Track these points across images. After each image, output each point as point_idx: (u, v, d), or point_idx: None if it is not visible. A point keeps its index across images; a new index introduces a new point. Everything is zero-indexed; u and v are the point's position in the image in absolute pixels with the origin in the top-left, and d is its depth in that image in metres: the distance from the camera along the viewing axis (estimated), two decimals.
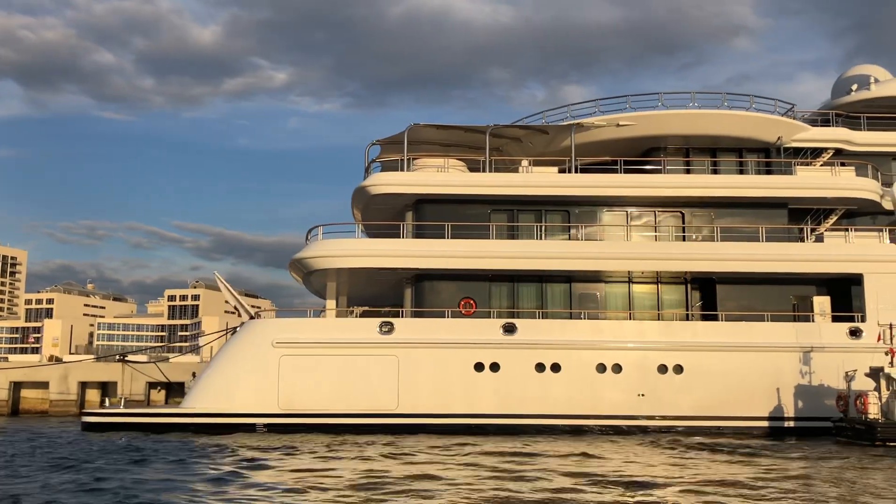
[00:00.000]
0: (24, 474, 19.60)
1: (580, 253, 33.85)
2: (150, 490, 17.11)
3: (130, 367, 47.35)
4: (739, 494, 16.93)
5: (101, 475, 19.25)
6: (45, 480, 18.48)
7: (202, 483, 18.26)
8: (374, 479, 18.65)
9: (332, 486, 17.79)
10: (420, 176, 34.99)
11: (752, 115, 35.42)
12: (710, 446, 26.69)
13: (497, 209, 35.31)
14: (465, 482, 18.50)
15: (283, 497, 16.42)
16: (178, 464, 21.79)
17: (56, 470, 20.50)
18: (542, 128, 36.32)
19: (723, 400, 31.64)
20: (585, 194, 34.70)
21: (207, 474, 19.75)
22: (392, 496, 16.48)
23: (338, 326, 33.45)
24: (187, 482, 18.26)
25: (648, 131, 35.77)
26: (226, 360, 32.88)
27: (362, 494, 16.61)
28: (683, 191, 34.57)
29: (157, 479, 18.79)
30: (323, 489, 17.37)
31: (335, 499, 16.26)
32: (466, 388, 32.03)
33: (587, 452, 24.62)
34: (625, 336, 32.47)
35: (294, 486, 17.74)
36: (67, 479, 18.75)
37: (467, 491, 17.13)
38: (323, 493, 16.85)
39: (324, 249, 34.00)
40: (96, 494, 16.63)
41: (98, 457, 23.33)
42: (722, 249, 33.57)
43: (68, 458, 23.07)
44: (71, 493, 16.81)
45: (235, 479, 18.84)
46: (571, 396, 31.93)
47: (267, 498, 16.25)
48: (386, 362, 32.15)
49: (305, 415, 31.79)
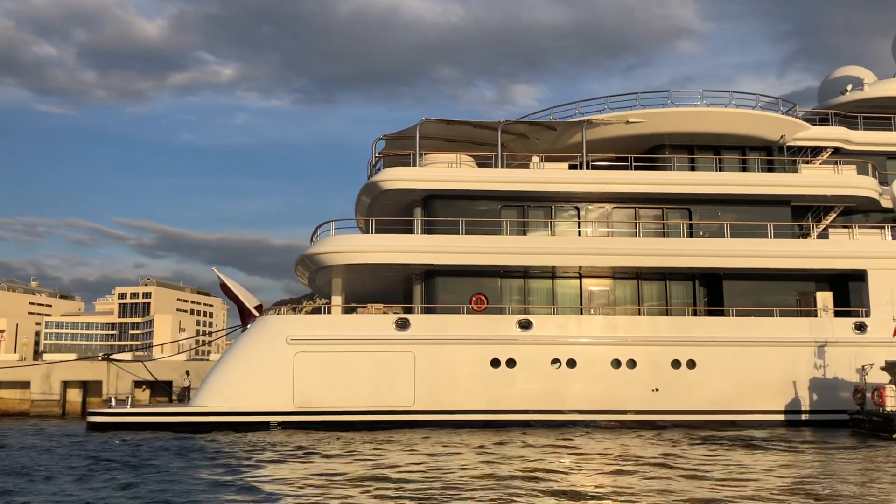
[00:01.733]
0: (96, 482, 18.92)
1: (589, 249, 34.03)
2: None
3: (116, 366, 46.16)
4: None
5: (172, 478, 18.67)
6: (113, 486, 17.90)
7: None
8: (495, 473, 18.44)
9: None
10: (433, 171, 34.78)
11: (760, 113, 36.02)
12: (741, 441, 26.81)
13: (508, 205, 35.32)
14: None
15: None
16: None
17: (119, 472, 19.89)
18: (554, 124, 36.40)
19: (737, 394, 32.10)
20: (595, 191, 34.87)
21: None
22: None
23: (353, 323, 33.03)
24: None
25: (656, 129, 36.12)
26: (238, 358, 32.27)
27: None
28: (692, 188, 34.96)
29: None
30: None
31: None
32: (483, 384, 31.97)
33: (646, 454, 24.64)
34: (640, 331, 32.73)
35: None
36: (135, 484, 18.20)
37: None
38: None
39: (338, 245, 33.56)
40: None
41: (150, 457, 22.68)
42: (731, 246, 34.03)
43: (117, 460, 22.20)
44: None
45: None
46: (587, 392, 32.09)
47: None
48: (402, 359, 31.92)
49: (321, 412, 31.40)
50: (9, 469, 20.37)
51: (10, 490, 17.06)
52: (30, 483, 18.15)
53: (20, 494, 16.57)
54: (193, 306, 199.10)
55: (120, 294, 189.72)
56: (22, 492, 16.89)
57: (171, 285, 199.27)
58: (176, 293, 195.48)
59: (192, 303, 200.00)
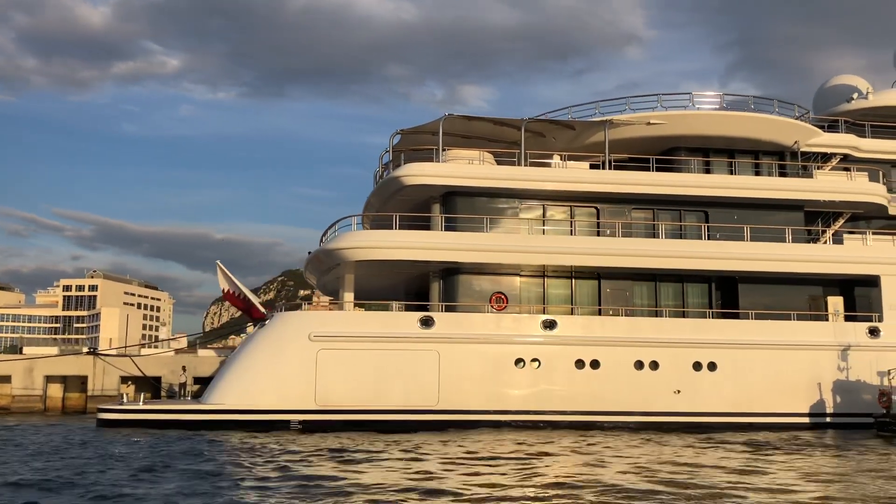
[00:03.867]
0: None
1: (608, 250, 33.91)
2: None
3: (102, 361, 44.58)
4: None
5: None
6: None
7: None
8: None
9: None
10: (457, 167, 34.26)
11: (778, 118, 36.32)
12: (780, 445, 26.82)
13: (528, 203, 35.00)
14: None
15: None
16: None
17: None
18: (573, 123, 36.17)
19: (759, 396, 32.30)
20: (619, 191, 34.76)
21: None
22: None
23: (378, 320, 32.35)
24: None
25: (674, 131, 36.14)
26: (257, 354, 31.32)
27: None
28: (712, 190, 35.10)
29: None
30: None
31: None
32: (508, 383, 31.60)
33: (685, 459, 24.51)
34: (664, 333, 32.70)
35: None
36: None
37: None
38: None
39: (362, 241, 32.87)
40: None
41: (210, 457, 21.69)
42: (749, 249, 34.26)
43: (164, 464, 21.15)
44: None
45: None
46: (610, 393, 31.96)
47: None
48: (426, 357, 31.36)
49: (343, 411, 30.68)
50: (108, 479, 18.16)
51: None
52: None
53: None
54: (141, 300, 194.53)
55: (65, 286, 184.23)
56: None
57: (117, 278, 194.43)
58: (123, 286, 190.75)
59: (140, 296, 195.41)
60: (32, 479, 17.74)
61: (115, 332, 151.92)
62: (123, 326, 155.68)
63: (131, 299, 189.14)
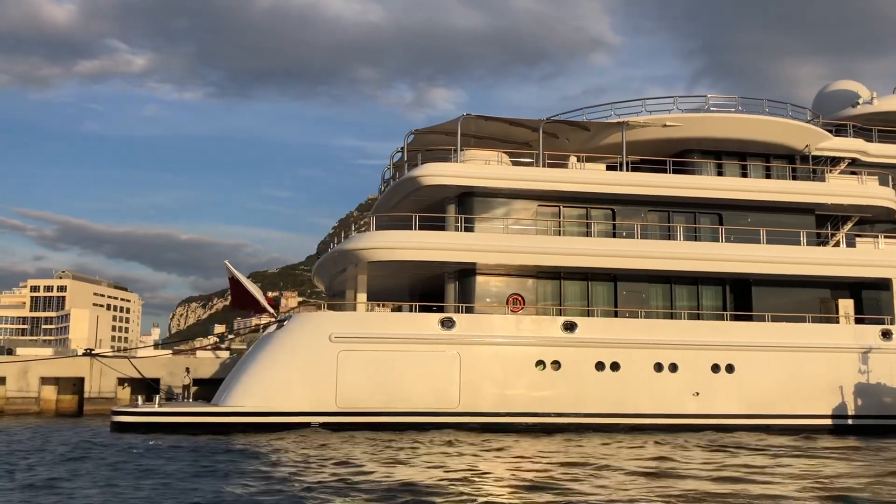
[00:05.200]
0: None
1: (624, 251, 33.88)
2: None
3: (99, 362, 43.66)
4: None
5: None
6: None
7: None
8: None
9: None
10: (475, 168, 34.01)
11: (792, 122, 36.59)
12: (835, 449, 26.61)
13: (544, 205, 34.86)
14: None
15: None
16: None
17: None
18: (589, 124, 36.08)
19: (778, 398, 32.42)
20: (639, 193, 34.74)
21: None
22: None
23: (398, 321, 31.96)
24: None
25: (687, 133, 36.21)
26: (276, 356, 30.77)
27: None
28: (727, 193, 35.22)
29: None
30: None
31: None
32: (528, 385, 31.40)
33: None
34: (682, 335, 32.70)
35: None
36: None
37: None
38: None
39: (378, 241, 32.48)
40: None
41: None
42: (763, 252, 34.42)
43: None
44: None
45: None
46: (630, 395, 31.89)
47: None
48: (447, 359, 31.06)
49: (364, 413, 30.26)
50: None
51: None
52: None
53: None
54: (110, 301, 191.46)
55: (32, 287, 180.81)
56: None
57: (87, 279, 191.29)
58: (92, 287, 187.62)
59: (109, 297, 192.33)
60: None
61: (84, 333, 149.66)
62: (93, 328, 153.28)
63: (100, 300, 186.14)
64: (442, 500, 15.62)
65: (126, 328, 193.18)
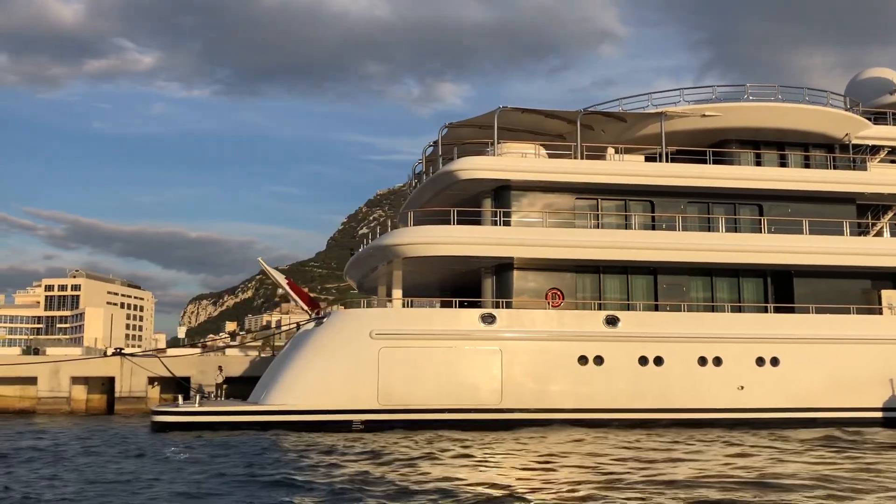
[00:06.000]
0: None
1: (664, 244, 33.37)
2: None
3: (130, 361, 43.41)
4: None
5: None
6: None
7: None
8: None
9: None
10: (513, 161, 33.52)
11: (832, 110, 36.01)
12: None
13: (583, 197, 34.37)
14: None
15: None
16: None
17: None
18: (626, 115, 35.54)
19: (826, 392, 31.91)
20: (672, 184, 34.20)
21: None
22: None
23: (439, 316, 31.52)
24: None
25: (726, 123, 35.65)
26: (317, 353, 30.41)
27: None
28: (768, 183, 34.68)
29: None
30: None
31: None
32: (571, 381, 30.96)
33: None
34: (726, 329, 32.21)
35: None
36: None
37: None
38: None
39: (416, 236, 32.01)
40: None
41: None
42: (807, 242, 33.89)
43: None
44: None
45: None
46: (674, 390, 31.43)
47: None
48: (489, 355, 30.64)
49: (406, 410, 29.88)
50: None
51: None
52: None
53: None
54: (124, 299, 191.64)
55: (46, 286, 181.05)
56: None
57: (100, 277, 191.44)
58: (106, 286, 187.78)
59: (123, 296, 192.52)
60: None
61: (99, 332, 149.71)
62: (108, 326, 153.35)
63: (114, 299, 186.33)
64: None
65: (140, 326, 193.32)
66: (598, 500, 15.48)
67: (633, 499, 15.53)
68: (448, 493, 15.99)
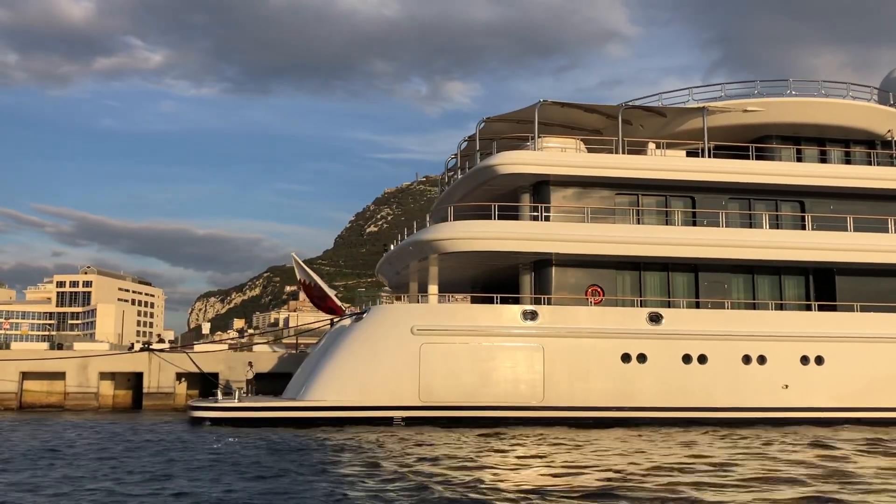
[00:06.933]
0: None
1: (706, 240, 32.88)
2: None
3: (158, 357, 43.07)
4: None
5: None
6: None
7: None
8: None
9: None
10: (554, 155, 33.09)
11: (876, 106, 35.54)
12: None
13: (623, 193, 33.89)
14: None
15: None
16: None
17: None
18: (665, 110, 35.09)
19: (872, 391, 31.42)
20: (714, 180, 33.70)
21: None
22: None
23: (481, 312, 31.07)
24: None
25: (768, 118, 35.15)
26: (357, 349, 30.02)
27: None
28: (811, 179, 34.17)
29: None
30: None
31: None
32: (614, 379, 30.51)
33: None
34: (770, 327, 31.72)
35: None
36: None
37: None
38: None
39: (455, 231, 31.58)
40: None
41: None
42: (852, 240, 33.39)
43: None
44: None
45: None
46: (718, 388, 30.96)
47: None
48: (531, 351, 30.22)
49: (448, 407, 29.48)
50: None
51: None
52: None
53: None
54: (135, 296, 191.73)
55: (58, 282, 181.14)
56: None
57: (111, 274, 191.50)
58: (117, 282, 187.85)
59: (134, 292, 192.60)
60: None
61: (111, 329, 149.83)
62: (119, 322, 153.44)
63: (125, 295, 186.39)
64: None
65: (151, 323, 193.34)
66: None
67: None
68: (530, 493, 15.57)
